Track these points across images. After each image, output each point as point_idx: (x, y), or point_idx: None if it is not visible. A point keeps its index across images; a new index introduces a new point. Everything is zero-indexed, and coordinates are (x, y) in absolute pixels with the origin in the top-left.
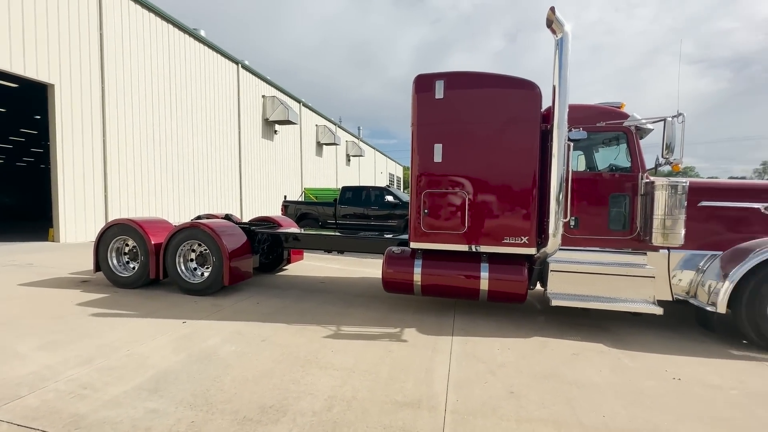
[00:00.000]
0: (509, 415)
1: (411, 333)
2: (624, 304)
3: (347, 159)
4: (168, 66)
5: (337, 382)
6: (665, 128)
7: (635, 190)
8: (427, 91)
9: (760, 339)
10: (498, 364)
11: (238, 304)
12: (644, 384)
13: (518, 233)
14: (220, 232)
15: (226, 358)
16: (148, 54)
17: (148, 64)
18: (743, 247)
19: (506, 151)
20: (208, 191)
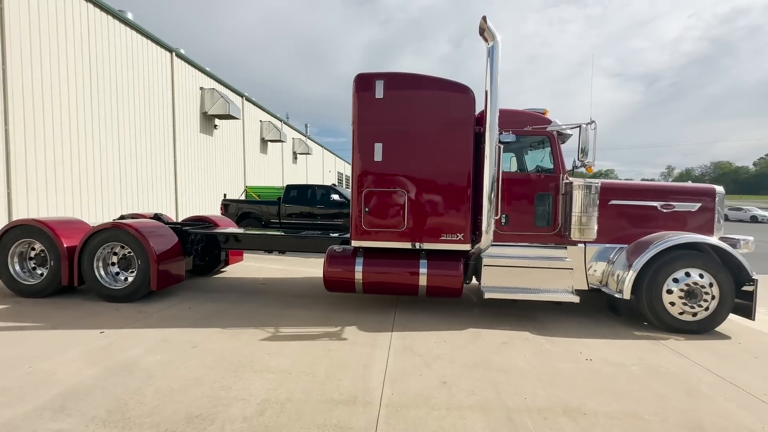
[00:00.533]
0: (440, 404)
1: (351, 331)
2: (547, 295)
3: (294, 157)
4: (88, 50)
5: (272, 385)
6: (580, 134)
7: (557, 190)
8: (367, 91)
9: (656, 320)
10: (434, 356)
11: (167, 309)
12: (561, 366)
13: (454, 230)
14: (146, 232)
15: (150, 368)
16: (62, 35)
17: (63, 46)
18: (644, 240)
19: (443, 151)
20: (137, 189)
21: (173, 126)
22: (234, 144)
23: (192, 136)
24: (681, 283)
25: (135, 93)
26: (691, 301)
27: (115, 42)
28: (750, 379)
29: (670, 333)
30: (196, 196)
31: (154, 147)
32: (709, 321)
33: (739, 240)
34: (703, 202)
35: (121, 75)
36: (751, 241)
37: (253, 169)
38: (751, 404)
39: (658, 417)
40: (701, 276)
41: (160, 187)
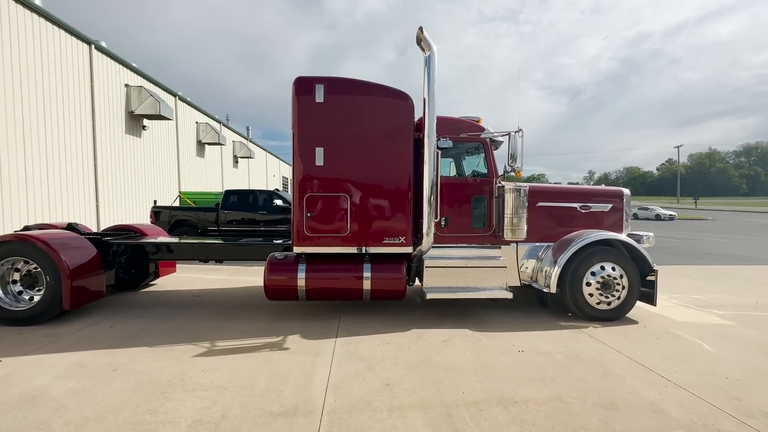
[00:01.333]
0: (383, 407)
1: (294, 340)
2: (484, 292)
3: (235, 161)
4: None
5: (205, 403)
6: (510, 141)
7: (491, 193)
8: (307, 94)
9: (578, 311)
10: (377, 359)
11: (83, 330)
12: (497, 359)
13: (396, 234)
14: (57, 245)
15: (60, 397)
16: None
17: None
18: (566, 239)
19: (384, 156)
20: (47, 196)
21: (93, 126)
22: (166, 147)
23: (116, 138)
24: (597, 276)
25: (45, 88)
26: (606, 292)
27: (17, 30)
28: (653, 358)
29: (589, 321)
30: (122, 204)
31: (69, 149)
32: (620, 309)
33: (642, 236)
34: (614, 203)
35: (27, 67)
36: (651, 236)
37: (188, 173)
38: (654, 380)
39: (578, 399)
40: (613, 269)
41: (77, 193)
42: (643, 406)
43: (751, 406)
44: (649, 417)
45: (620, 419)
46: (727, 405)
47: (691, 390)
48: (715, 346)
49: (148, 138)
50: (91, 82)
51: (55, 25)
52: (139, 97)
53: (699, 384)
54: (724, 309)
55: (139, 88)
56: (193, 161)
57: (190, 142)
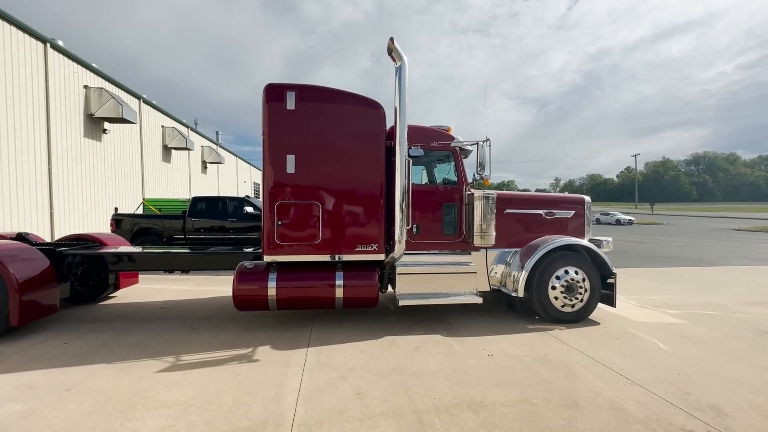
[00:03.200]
0: (354, 416)
1: (264, 351)
2: (455, 298)
3: (203, 166)
4: None
5: (168, 421)
6: (478, 150)
7: (461, 201)
8: (278, 101)
9: (545, 314)
10: (349, 368)
11: (33, 348)
12: (467, 364)
13: (369, 241)
14: (4, 257)
15: (5, 422)
16: None
17: None
18: (533, 244)
19: (355, 164)
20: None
21: (47, 128)
22: (129, 151)
23: (74, 141)
24: (562, 280)
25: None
26: (570, 295)
27: None
28: (612, 358)
29: (555, 324)
30: (80, 212)
31: (20, 152)
32: (583, 311)
33: (602, 241)
34: (576, 209)
35: None
36: (610, 241)
37: (154, 179)
38: (613, 378)
39: (543, 400)
40: (576, 272)
41: (29, 201)
42: (604, 405)
43: (699, 399)
44: (609, 415)
45: (582, 418)
46: (678, 400)
47: (647, 387)
48: (668, 344)
49: (110, 142)
50: (45, 82)
51: (7, 21)
52: (99, 99)
53: (654, 381)
54: (677, 308)
55: (99, 89)
56: (158, 166)
57: (155, 147)
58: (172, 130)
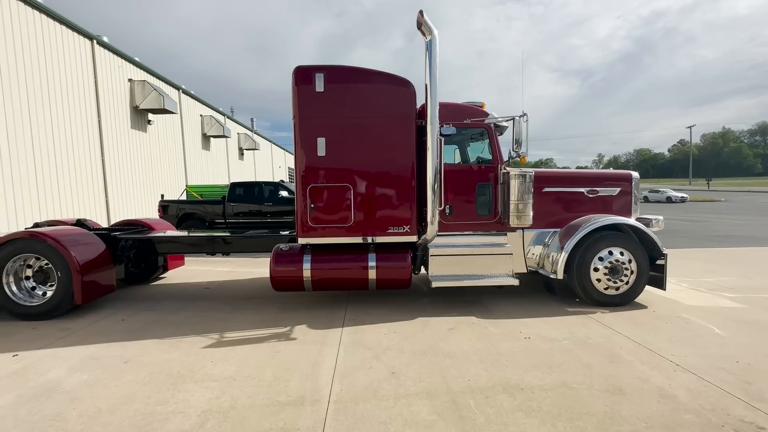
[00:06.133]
0: (388, 395)
1: (301, 330)
2: (490, 280)
3: (240, 153)
4: None
5: (214, 394)
6: (514, 126)
7: (496, 180)
8: (307, 84)
9: (587, 297)
10: (383, 348)
11: (95, 324)
12: (503, 346)
13: (401, 223)
14: (66, 241)
15: (73, 390)
16: None
17: None
18: (573, 224)
19: (386, 145)
20: (58, 193)
21: (99, 122)
22: (172, 140)
23: (122, 133)
24: (605, 261)
25: (50, 85)
26: (614, 277)
27: (20, 27)
28: (661, 343)
29: (597, 307)
30: (131, 199)
31: (77, 145)
32: (629, 293)
33: (651, 219)
34: (622, 186)
35: (31, 65)
36: (661, 220)
37: (195, 166)
38: (661, 364)
39: (584, 385)
40: (622, 254)
41: (87, 190)
42: (651, 392)
43: (762, 389)
44: (657, 402)
45: (627, 405)
46: (737, 389)
47: (700, 374)
48: (725, 329)
49: (154, 132)
50: (95, 77)
51: (57, 21)
52: (142, 92)
53: (709, 368)
54: (736, 292)
55: (142, 82)
56: (198, 154)
57: (195, 136)
58: (210, 118)
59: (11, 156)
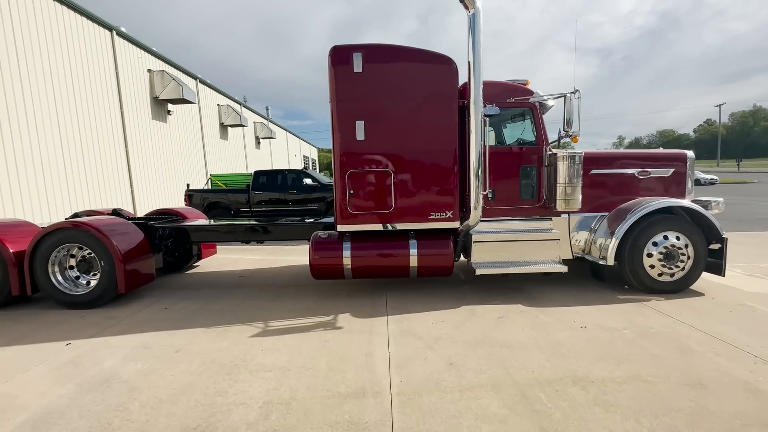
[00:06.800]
0: (452, 387)
1: (346, 319)
2: (537, 266)
3: (257, 141)
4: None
5: (271, 384)
6: (565, 104)
7: (541, 162)
8: (344, 64)
9: (638, 284)
10: (434, 337)
11: (140, 312)
12: (560, 336)
13: (443, 208)
14: (107, 231)
15: (131, 379)
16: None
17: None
18: (623, 208)
19: (428, 126)
20: (87, 184)
21: (122, 113)
22: (191, 130)
23: (144, 124)
24: (660, 246)
25: (73, 77)
26: (669, 263)
27: (43, 20)
28: (731, 333)
29: (650, 294)
30: (155, 188)
31: (101, 137)
32: (684, 280)
33: (710, 201)
34: (676, 167)
35: (55, 58)
36: (721, 202)
37: (213, 156)
38: (739, 356)
39: (660, 378)
40: (678, 238)
41: (113, 180)
42: (736, 386)
43: None
44: (746, 397)
45: (713, 400)
46: None
47: None
48: None
49: (174, 123)
50: (115, 68)
51: (77, 12)
52: (162, 82)
53: None
54: None
55: (161, 72)
56: (217, 144)
57: (213, 125)
58: (227, 107)
59: (41, 150)
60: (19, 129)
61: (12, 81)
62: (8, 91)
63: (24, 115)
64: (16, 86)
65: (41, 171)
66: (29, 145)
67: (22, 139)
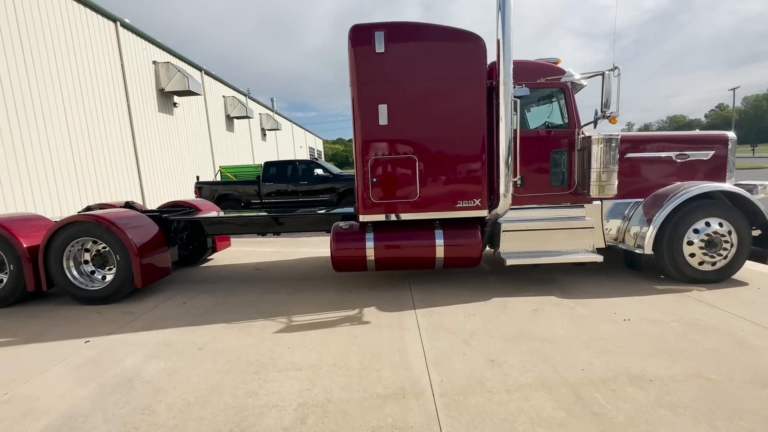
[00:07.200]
0: (498, 387)
1: (372, 312)
2: (570, 256)
3: (263, 133)
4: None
5: (304, 384)
6: (603, 82)
7: (572, 146)
8: (365, 44)
9: (677, 273)
10: (468, 332)
11: (158, 308)
12: (603, 329)
13: (471, 196)
14: (122, 224)
15: (155, 379)
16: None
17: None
18: (661, 193)
19: (455, 109)
20: (96, 177)
21: (128, 105)
22: (198, 123)
23: (151, 116)
24: (701, 234)
25: (80, 70)
26: (711, 251)
27: (47, 12)
28: None
29: (690, 284)
30: (163, 181)
31: (109, 130)
32: (727, 269)
33: (756, 186)
34: (717, 149)
35: (60, 50)
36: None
37: (220, 148)
38: None
39: (723, 375)
40: (720, 225)
41: (122, 173)
42: None
43: None
44: None
45: None
46: None
47: None
48: None
49: (180, 115)
50: (121, 60)
51: (80, 2)
52: (167, 74)
53: None
54: None
55: (166, 64)
56: (223, 136)
57: (219, 117)
58: (232, 99)
59: (50, 144)
60: (27, 123)
61: (19, 75)
62: (15, 86)
63: (32, 108)
64: (23, 80)
65: (51, 165)
66: (38, 139)
67: (30, 133)
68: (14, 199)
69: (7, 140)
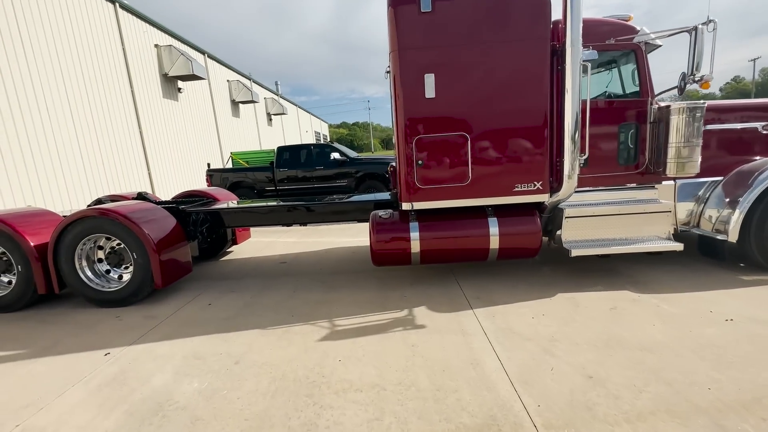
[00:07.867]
0: (613, 414)
1: (423, 313)
2: (645, 245)
3: (268, 118)
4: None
5: (369, 412)
6: (695, 39)
7: (643, 118)
8: (408, 3)
9: (767, 262)
10: (546, 338)
11: (181, 310)
12: (707, 333)
13: (531, 178)
14: (137, 218)
15: (190, 404)
16: None
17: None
18: (746, 170)
19: (513, 78)
20: (104, 168)
21: (132, 91)
22: (203, 108)
23: (156, 102)
24: None
25: (81, 57)
26: None
27: None
28: None
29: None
30: (172, 169)
31: (114, 118)
32: None
33: None
34: None
35: (60, 36)
36: None
37: (227, 133)
38: None
39: None
40: None
41: (130, 162)
42: None
43: None
44: None
45: None
46: None
47: None
48: None
49: (185, 100)
50: (122, 44)
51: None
52: (170, 58)
53: None
54: None
55: (168, 47)
56: (229, 121)
57: (224, 102)
58: (237, 83)
59: (54, 134)
60: (30, 113)
61: (19, 64)
62: (16, 76)
63: (34, 98)
64: (23, 69)
65: (56, 156)
66: (42, 130)
67: (35, 124)
68: (22, 192)
69: (11, 130)
